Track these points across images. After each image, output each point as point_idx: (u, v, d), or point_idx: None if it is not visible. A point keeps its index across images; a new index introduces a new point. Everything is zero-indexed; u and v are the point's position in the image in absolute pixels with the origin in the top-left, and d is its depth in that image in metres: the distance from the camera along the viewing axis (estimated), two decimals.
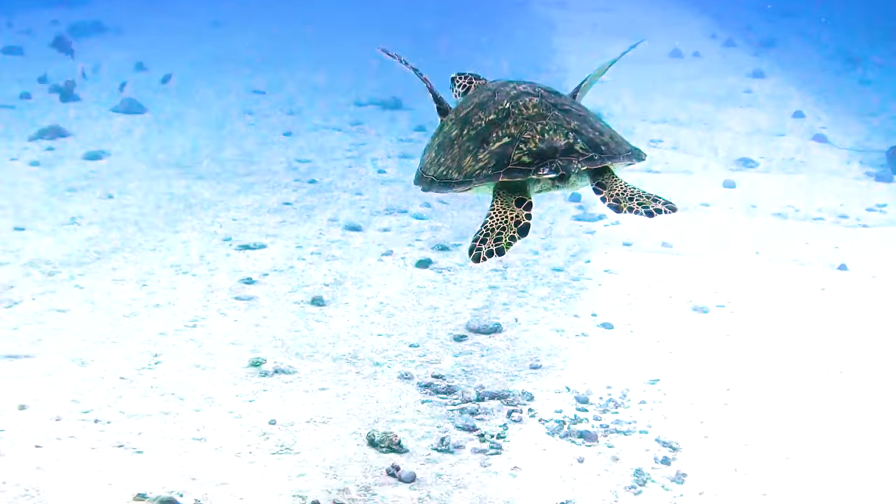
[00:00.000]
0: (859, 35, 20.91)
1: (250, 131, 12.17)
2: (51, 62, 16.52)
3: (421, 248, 8.06)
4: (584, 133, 3.82)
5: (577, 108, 4.04)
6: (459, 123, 4.08)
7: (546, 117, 3.85)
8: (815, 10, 24.37)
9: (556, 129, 3.80)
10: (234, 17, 22.78)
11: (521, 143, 3.76)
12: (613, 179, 3.85)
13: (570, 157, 3.71)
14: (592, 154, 3.74)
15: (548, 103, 3.91)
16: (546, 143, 3.75)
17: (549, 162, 3.71)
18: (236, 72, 16.27)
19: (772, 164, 11.34)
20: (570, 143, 3.75)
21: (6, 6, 25.08)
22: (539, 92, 3.99)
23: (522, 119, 3.86)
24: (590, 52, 18.18)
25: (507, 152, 3.75)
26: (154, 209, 8.95)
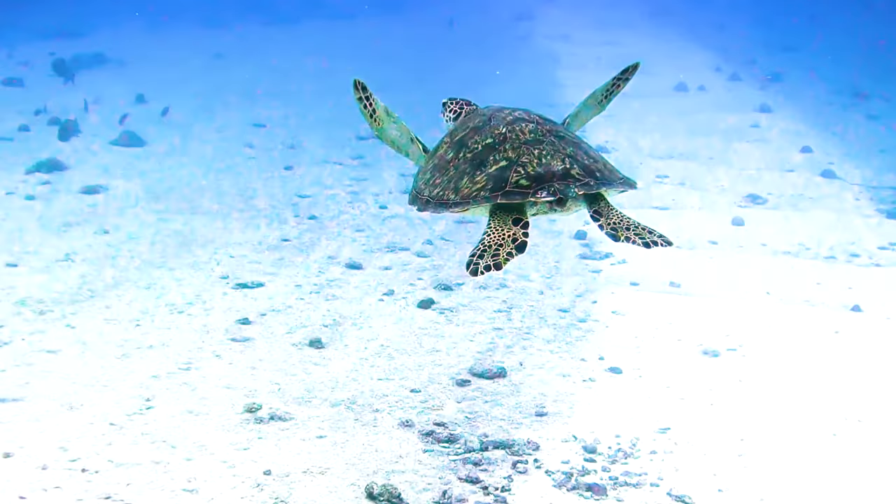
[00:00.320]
0: (864, 70, 20.80)
1: (250, 165, 12.01)
2: (50, 93, 16.43)
3: (423, 288, 7.87)
4: (579, 159, 3.91)
5: (571, 135, 4.12)
6: (455, 147, 4.15)
7: (542, 142, 3.93)
8: (813, 45, 24.33)
9: (553, 155, 3.88)
10: (235, 49, 22.72)
11: (519, 166, 3.83)
12: (610, 208, 3.95)
13: (566, 182, 3.79)
14: (588, 179, 3.82)
15: (543, 129, 4.02)
16: (543, 168, 3.82)
17: (546, 185, 3.78)
18: (237, 104, 16.16)
19: (781, 200, 11.16)
20: (567, 168, 3.83)
21: (7, 38, 25.08)
22: (534, 118, 4.09)
23: (519, 143, 3.93)
24: (593, 87, 18.02)
25: (504, 175, 3.82)
26: (150, 245, 8.78)
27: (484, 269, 3.70)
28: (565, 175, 3.83)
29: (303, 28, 27.92)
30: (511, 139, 3.99)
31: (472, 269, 3.70)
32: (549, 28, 26.42)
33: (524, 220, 3.84)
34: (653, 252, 8.82)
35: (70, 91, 16.91)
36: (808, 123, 15.57)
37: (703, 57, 22.53)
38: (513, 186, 3.80)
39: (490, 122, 4.15)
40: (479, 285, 7.96)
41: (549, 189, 3.78)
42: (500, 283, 8.03)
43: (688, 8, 31.08)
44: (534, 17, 28.53)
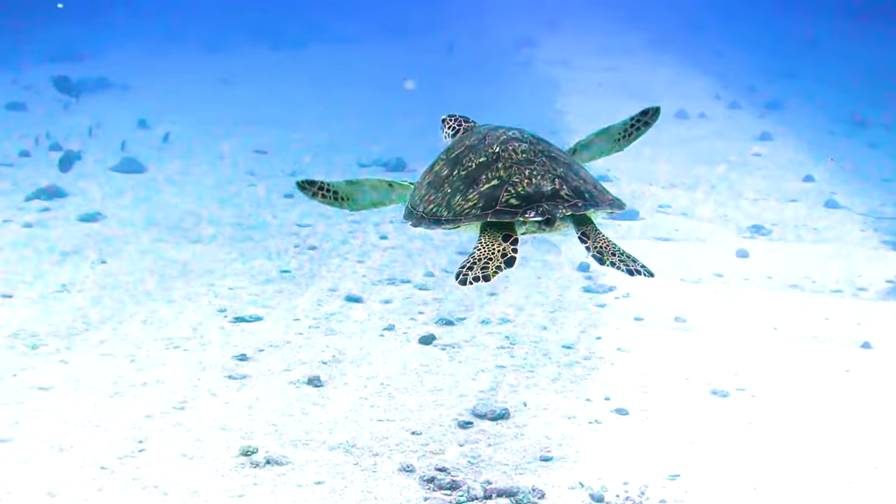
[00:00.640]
0: (863, 97, 20.63)
1: (251, 193, 11.77)
2: (53, 118, 16.23)
3: (424, 323, 7.62)
4: (569, 180, 4.02)
5: (563, 156, 4.25)
6: (450, 164, 4.26)
7: (534, 163, 4.05)
8: (812, 72, 24.20)
9: (544, 175, 3.99)
10: (240, 75, 22.52)
11: (510, 185, 3.95)
12: (597, 232, 4.09)
13: (555, 202, 3.92)
14: (577, 201, 3.96)
15: (536, 149, 4.14)
16: (533, 188, 3.94)
17: (535, 206, 3.90)
18: (239, 130, 15.93)
19: (785, 231, 10.92)
20: (557, 188, 3.96)
21: (12, 62, 24.93)
22: (528, 138, 4.21)
23: (511, 163, 4.04)
24: (594, 113, 17.85)
25: (495, 194, 3.93)
26: (148, 276, 8.53)
27: (472, 279, 3.82)
28: (554, 195, 3.94)
29: (308, 52, 27.75)
30: (504, 158, 4.08)
31: (461, 279, 3.83)
32: (550, 54, 26.24)
33: (514, 237, 3.97)
34: (657, 286, 8.60)
35: (73, 115, 16.71)
36: (809, 152, 15.35)
37: (702, 83, 22.34)
38: (503, 205, 3.91)
39: (485, 141, 4.22)
40: (481, 320, 7.71)
41: (537, 209, 3.89)
42: (503, 318, 7.78)
43: (686, 35, 30.94)
44: (535, 43, 28.35)
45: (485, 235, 4.00)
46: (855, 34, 30.42)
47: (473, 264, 3.89)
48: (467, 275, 3.85)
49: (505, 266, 3.91)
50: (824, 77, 23.69)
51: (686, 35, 30.94)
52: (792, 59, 26.26)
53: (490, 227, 4.00)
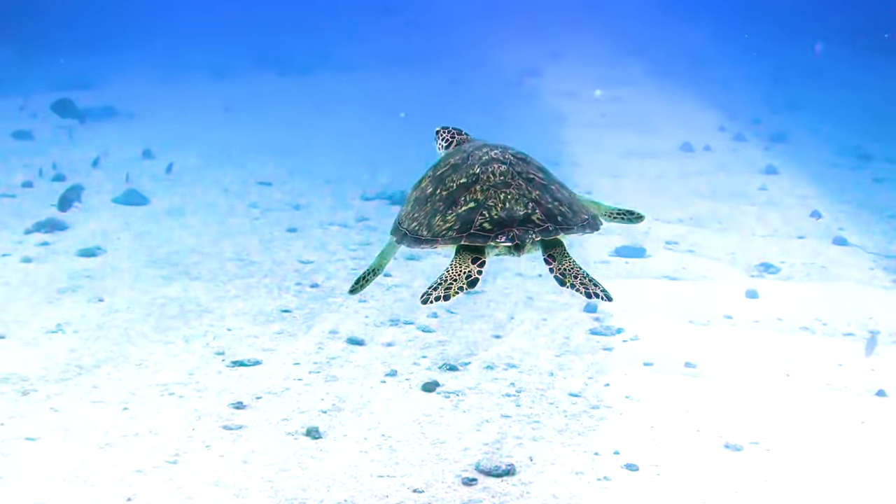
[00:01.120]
0: (868, 129, 20.36)
1: (253, 227, 11.46)
2: (59, 148, 15.97)
3: (427, 368, 7.30)
4: (543, 203, 4.11)
5: (542, 176, 4.32)
6: (435, 182, 4.37)
7: (510, 186, 4.15)
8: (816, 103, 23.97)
9: (518, 199, 4.10)
10: (245, 102, 22.28)
11: (485, 209, 4.07)
12: (563, 255, 4.14)
13: (526, 227, 4.02)
14: (547, 225, 4.05)
15: (514, 171, 4.24)
16: (506, 212, 4.05)
17: (506, 231, 4.01)
18: (243, 160, 15.64)
19: (793, 269, 10.60)
20: (529, 213, 4.06)
21: (22, 88, 24.76)
22: (508, 159, 4.30)
23: (489, 186, 4.15)
24: (599, 145, 17.59)
25: (471, 217, 4.06)
26: (145, 316, 8.22)
27: (434, 299, 3.98)
28: (526, 220, 4.05)
29: (314, 79, 27.51)
30: (482, 180, 4.18)
31: (423, 298, 4.01)
32: (556, 84, 25.97)
33: (482, 260, 4.11)
34: (666, 329, 8.27)
35: (78, 144, 16.46)
36: (815, 186, 15.03)
37: (706, 115, 22.04)
38: (477, 229, 4.03)
39: (467, 161, 4.34)
40: (486, 365, 7.39)
41: (508, 234, 4.00)
42: (508, 363, 7.46)
43: (689, 66, 30.70)
44: (540, 73, 28.12)
45: (458, 257, 4.13)
46: (858, 64, 30.21)
47: (439, 285, 4.04)
48: (430, 294, 4.01)
49: (468, 287, 4.05)
50: (828, 109, 23.40)
51: (689, 66, 30.69)
52: (796, 90, 25.98)
53: (463, 249, 4.13)
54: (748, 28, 39.05)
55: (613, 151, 17.02)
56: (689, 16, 41.36)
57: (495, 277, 9.72)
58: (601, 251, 10.82)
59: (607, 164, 15.92)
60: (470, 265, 4.09)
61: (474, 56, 32.25)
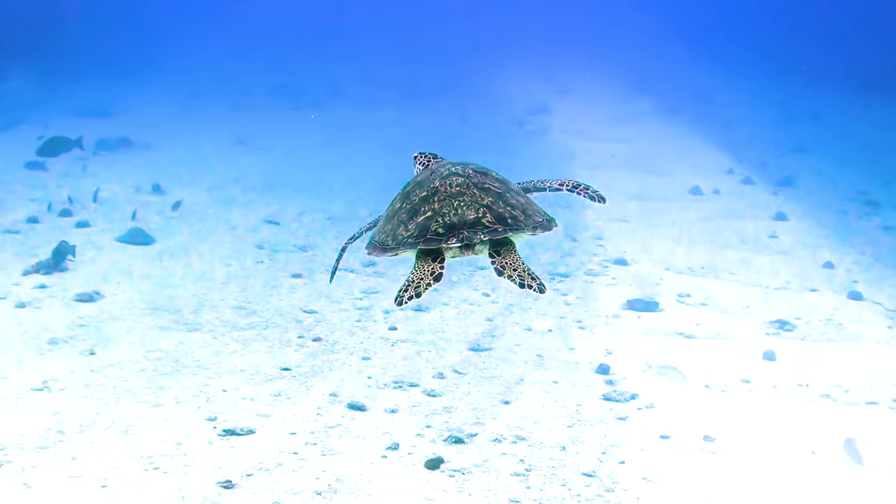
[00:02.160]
0: (871, 173, 19.67)
1: (258, 271, 10.76)
2: (70, 180, 15.34)
3: (432, 440, 6.57)
4: (494, 208, 4.39)
5: (499, 186, 4.58)
6: (402, 198, 4.64)
7: (464, 195, 4.42)
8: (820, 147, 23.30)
9: (470, 206, 4.37)
10: (258, 136, 21.61)
11: (439, 216, 4.35)
12: (509, 251, 4.41)
13: (475, 229, 4.30)
14: (497, 227, 4.32)
15: (470, 182, 4.51)
16: (458, 217, 4.33)
17: (457, 233, 4.30)
18: (253, 197, 14.97)
19: (810, 327, 9.87)
20: (479, 217, 4.34)
21: (41, 115, 24.24)
22: (467, 173, 4.57)
23: (445, 196, 4.42)
24: (609, 187, 16.85)
25: (427, 224, 4.34)
26: (138, 372, 7.52)
27: (407, 299, 4.28)
28: (475, 223, 4.32)
29: (327, 113, 26.89)
30: (440, 192, 4.45)
31: (397, 301, 4.33)
32: (564, 122, 25.31)
33: (442, 257, 4.39)
34: (683, 394, 7.52)
35: (91, 177, 15.82)
36: (825, 235, 14.30)
37: (714, 157, 21.35)
38: (432, 234, 4.31)
39: (430, 177, 4.59)
40: (493, 438, 6.66)
41: (458, 236, 4.30)
42: (517, 435, 6.73)
43: (694, 105, 30.01)
44: (548, 110, 27.46)
45: (419, 261, 4.41)
46: (856, 108, 29.55)
47: (409, 286, 4.33)
48: (402, 296, 4.30)
49: (434, 281, 4.33)
50: (831, 152, 22.66)
51: (694, 105, 30.00)
52: (798, 132, 25.28)
53: (423, 253, 4.41)
54: (750, 65, 38.53)
55: (624, 194, 16.31)
56: (692, 52, 40.82)
57: (504, 333, 9.01)
58: (613, 305, 10.10)
59: (618, 207, 15.21)
60: (432, 263, 4.36)
61: (484, 91, 31.66)
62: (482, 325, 9.23)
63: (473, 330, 9.04)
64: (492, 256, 4.41)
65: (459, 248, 4.39)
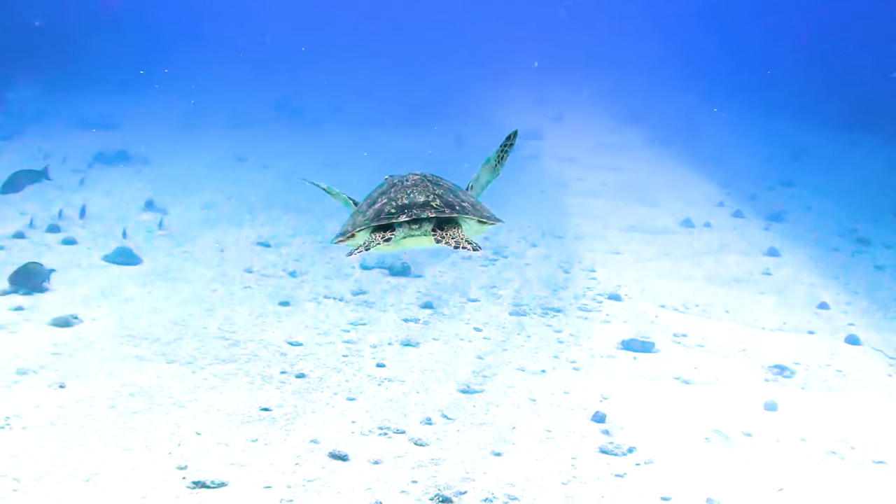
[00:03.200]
0: (859, 208, 19.04)
1: (245, 297, 10.00)
2: (65, 194, 14.59)
3: (417, 499, 5.83)
4: (443, 197, 4.66)
5: (451, 187, 4.85)
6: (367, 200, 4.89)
7: (418, 186, 4.72)
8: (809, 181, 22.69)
9: (421, 192, 4.65)
10: (256, 154, 20.87)
11: (393, 200, 4.64)
12: (455, 228, 4.62)
13: (423, 209, 4.57)
14: (444, 209, 4.57)
15: (426, 181, 4.79)
16: (408, 200, 4.61)
17: (406, 211, 4.56)
18: (246, 216, 14.22)
19: (809, 374, 9.17)
20: (427, 200, 4.61)
21: (43, 127, 23.55)
22: (423, 175, 4.84)
23: (401, 188, 4.72)
24: (601, 217, 16.19)
25: (382, 208, 4.63)
26: (108, 409, 6.77)
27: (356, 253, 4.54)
28: (424, 205, 4.55)
29: (325, 131, 26.20)
30: (397, 186, 4.74)
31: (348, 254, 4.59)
32: (557, 149, 24.64)
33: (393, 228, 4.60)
34: (683, 449, 6.77)
35: (87, 190, 15.09)
36: (819, 273, 13.62)
37: (704, 189, 20.69)
38: (385, 215, 4.55)
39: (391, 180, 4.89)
40: (483, 497, 5.92)
41: (407, 213, 4.51)
42: (509, 495, 6.00)
43: (683, 137, 29.34)
44: (542, 136, 26.79)
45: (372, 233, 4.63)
46: (840, 144, 28.98)
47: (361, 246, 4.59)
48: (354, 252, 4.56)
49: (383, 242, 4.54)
50: (818, 187, 22.03)
51: (683, 137, 29.34)
52: (785, 167, 24.67)
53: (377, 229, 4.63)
54: (737, 98, 37.93)
55: (616, 225, 15.62)
56: (680, 85, 40.29)
57: (496, 373, 8.29)
58: (608, 344, 9.39)
59: (610, 238, 14.52)
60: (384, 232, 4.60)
61: (480, 115, 31.00)
62: (473, 364, 8.50)
63: (464, 369, 8.31)
64: (434, 231, 4.58)
65: (408, 224, 4.55)
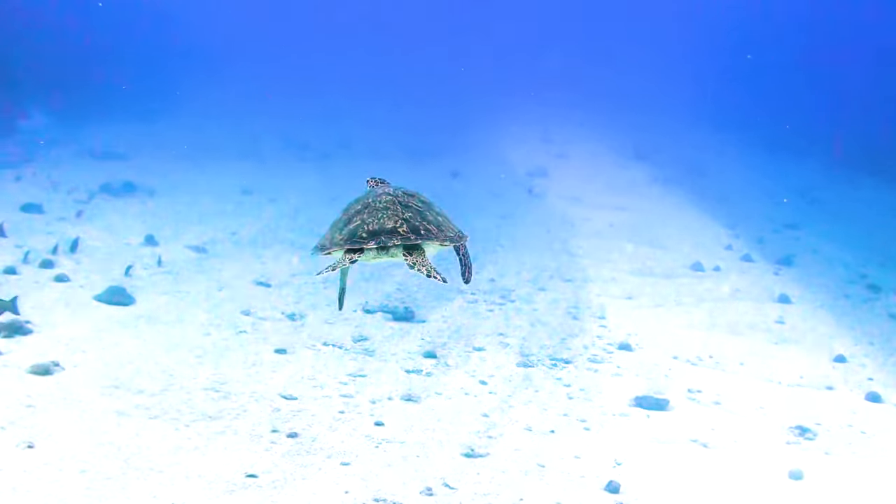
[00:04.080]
0: (868, 253, 18.26)
1: (239, 343, 9.25)
2: (63, 226, 13.88)
3: None
4: (411, 221, 4.90)
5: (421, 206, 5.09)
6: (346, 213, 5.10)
7: (389, 209, 4.93)
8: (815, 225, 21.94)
9: (391, 217, 4.88)
10: (263, 186, 20.20)
11: (365, 224, 4.88)
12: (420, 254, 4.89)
13: (391, 236, 4.82)
14: (410, 235, 4.84)
15: (397, 201, 5.01)
16: (378, 226, 4.86)
17: (377, 238, 4.81)
18: (248, 253, 13.50)
19: (832, 435, 8.40)
20: (395, 226, 4.85)
21: (54, 156, 22.94)
22: (396, 193, 5.10)
23: (374, 210, 4.95)
24: (609, 260, 15.45)
25: (355, 231, 4.87)
26: (78, 474, 6.01)
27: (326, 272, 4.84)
28: (392, 231, 4.83)
29: (332, 163, 25.53)
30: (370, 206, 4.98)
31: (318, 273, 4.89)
32: (562, 188, 23.92)
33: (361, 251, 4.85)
34: None
35: (87, 222, 14.38)
36: (833, 322, 12.84)
37: (711, 230, 19.94)
38: (357, 238, 4.83)
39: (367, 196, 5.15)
40: None
41: (376, 240, 4.80)
42: None
43: (689, 177, 28.59)
44: (548, 174, 26.10)
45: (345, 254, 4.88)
46: (843, 185, 28.24)
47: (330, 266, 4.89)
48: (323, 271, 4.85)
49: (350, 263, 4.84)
50: (824, 230, 21.24)
51: (689, 176, 28.60)
52: (789, 208, 23.91)
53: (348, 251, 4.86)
54: (739, 140, 37.22)
55: (624, 268, 14.87)
56: (686, 124, 39.64)
57: (502, 433, 7.51)
58: (620, 401, 8.62)
59: (620, 282, 13.76)
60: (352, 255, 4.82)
61: (486, 152, 30.37)
62: (478, 422, 7.73)
63: (468, 429, 7.54)
64: (405, 256, 4.83)
65: (376, 250, 4.83)
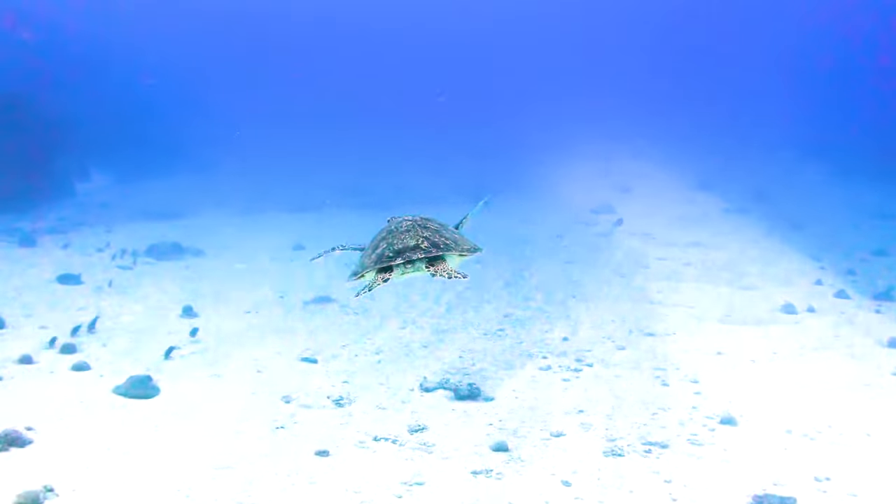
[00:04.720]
0: None
1: (274, 445, 7.68)
2: (99, 301, 12.57)
3: None
4: (430, 238, 5.58)
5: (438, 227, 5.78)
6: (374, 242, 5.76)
7: (410, 231, 5.62)
8: None
9: (413, 237, 5.56)
10: (318, 240, 18.76)
11: (392, 246, 5.55)
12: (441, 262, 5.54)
13: (414, 251, 5.48)
14: (431, 249, 5.49)
15: (416, 225, 5.72)
16: (402, 245, 5.53)
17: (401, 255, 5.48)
18: (295, 322, 12.02)
19: None
20: (417, 244, 5.53)
21: (107, 216, 21.99)
22: (415, 219, 5.79)
23: (397, 234, 5.63)
24: (691, 306, 13.60)
25: (383, 252, 5.54)
26: None
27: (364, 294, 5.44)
28: (415, 248, 5.49)
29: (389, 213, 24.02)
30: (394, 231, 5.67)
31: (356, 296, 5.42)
32: (631, 224, 22.13)
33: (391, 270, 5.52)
34: None
35: (121, 294, 13.06)
36: None
37: (796, 264, 17.91)
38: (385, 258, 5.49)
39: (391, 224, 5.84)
40: None
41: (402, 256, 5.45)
42: None
43: (759, 205, 26.52)
44: (613, 210, 24.31)
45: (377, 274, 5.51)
46: None
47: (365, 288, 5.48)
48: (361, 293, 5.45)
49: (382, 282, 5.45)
50: None
51: (758, 205, 26.53)
52: (874, 233, 21.78)
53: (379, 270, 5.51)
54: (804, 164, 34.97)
55: (710, 316, 13.03)
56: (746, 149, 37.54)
57: (521, 472, 5.79)
58: (736, 501, 6.82)
59: (707, 333, 11.95)
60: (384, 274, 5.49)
61: (546, 188, 28.77)
62: None
63: None
64: (428, 267, 5.47)
65: (403, 264, 5.44)
